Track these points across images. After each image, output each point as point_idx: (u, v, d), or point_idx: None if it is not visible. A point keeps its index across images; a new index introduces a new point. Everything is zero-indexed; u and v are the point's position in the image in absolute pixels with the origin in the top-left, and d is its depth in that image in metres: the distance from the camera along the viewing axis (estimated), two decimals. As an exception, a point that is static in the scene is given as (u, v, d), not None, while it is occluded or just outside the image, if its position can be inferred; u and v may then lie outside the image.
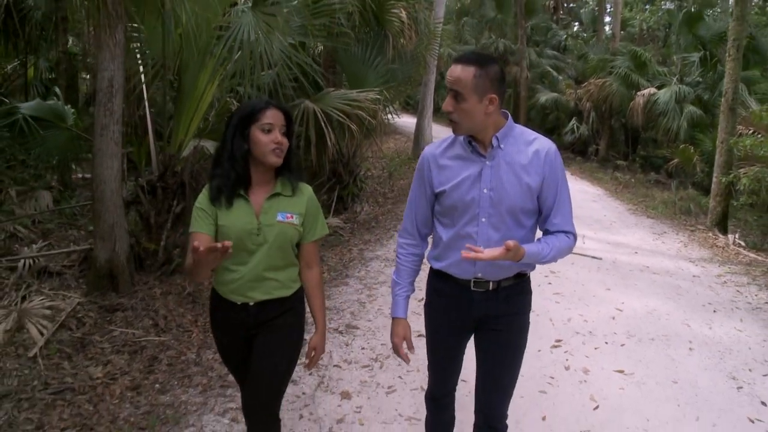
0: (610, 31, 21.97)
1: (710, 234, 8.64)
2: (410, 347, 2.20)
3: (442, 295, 2.14)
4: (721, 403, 3.47)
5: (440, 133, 18.04)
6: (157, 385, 3.43)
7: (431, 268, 2.19)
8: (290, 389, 3.29)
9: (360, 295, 4.87)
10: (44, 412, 3.13)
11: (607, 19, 24.01)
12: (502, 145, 1.95)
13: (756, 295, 5.66)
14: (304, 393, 3.29)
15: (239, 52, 4.79)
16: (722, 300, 5.46)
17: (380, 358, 3.85)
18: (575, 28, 30.60)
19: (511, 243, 1.78)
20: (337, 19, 6.21)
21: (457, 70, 1.86)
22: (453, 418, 2.39)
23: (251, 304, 2.06)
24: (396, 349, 2.21)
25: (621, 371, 3.79)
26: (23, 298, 4.37)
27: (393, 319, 2.21)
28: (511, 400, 2.19)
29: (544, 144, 1.98)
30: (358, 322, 4.30)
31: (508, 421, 2.22)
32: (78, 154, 6.14)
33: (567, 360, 3.92)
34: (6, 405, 3.19)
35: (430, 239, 2.22)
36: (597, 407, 3.31)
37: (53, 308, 4.29)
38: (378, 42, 7.64)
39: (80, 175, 7.95)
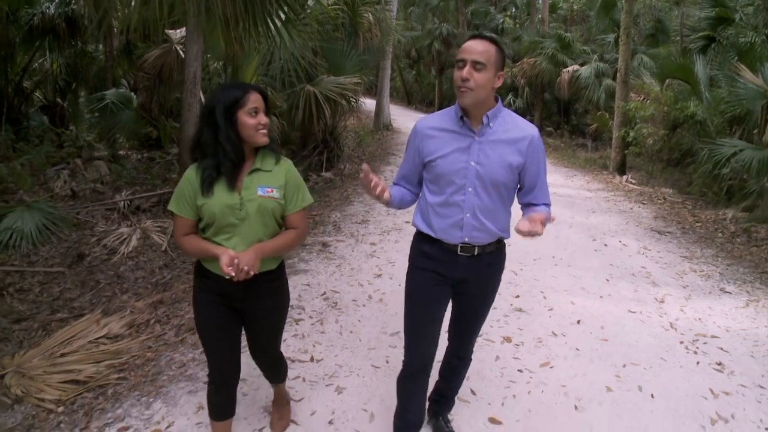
0: (540, 16, 24.40)
1: (610, 176, 11.34)
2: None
3: (428, 257, 2.23)
4: (581, 244, 6.10)
5: (396, 110, 20.73)
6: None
7: (418, 232, 2.30)
8: (338, 246, 5.71)
9: (365, 208, 7.32)
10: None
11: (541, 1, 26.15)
12: (491, 124, 2.07)
13: (626, 206, 8.38)
14: (349, 245, 5.74)
15: (269, 52, 7.05)
16: (602, 208, 8.12)
17: (386, 230, 6.35)
18: (513, 11, 32.85)
19: (539, 217, 1.92)
20: (329, 26, 8.52)
21: (483, 44, 1.98)
22: (424, 409, 2.48)
23: None
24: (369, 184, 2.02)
25: (525, 234, 6.35)
26: (137, 222, 6.56)
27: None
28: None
29: (528, 129, 2.12)
30: (369, 218, 6.79)
31: None
32: (140, 129, 8.26)
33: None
34: (166, 270, 5.41)
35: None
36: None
37: (160, 226, 6.50)
38: (352, 39, 9.93)
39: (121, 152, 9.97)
